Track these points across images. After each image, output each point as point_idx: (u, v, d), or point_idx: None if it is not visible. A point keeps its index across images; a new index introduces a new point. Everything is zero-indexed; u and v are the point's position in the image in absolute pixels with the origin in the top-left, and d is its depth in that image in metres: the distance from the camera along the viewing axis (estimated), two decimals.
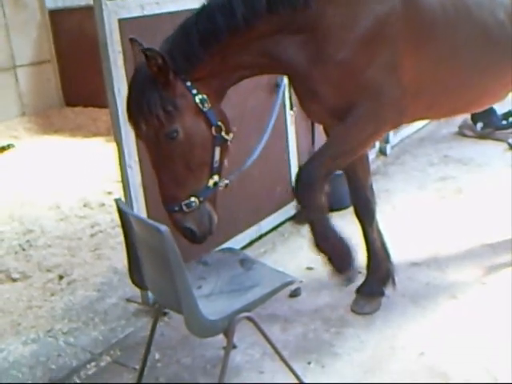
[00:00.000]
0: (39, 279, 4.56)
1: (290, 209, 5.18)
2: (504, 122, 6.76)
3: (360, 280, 3.91)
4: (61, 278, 4.56)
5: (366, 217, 3.75)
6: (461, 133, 7.00)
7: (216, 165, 3.03)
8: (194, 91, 2.93)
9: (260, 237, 4.85)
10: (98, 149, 7.63)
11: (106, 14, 3.52)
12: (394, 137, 6.68)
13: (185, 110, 2.91)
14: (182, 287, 2.61)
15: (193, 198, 2.96)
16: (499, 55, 3.46)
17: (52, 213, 5.81)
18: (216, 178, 3.04)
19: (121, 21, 3.61)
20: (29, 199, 6.16)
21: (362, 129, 3.19)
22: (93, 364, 3.55)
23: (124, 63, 3.61)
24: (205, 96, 2.95)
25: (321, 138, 5.39)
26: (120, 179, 3.85)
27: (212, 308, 2.78)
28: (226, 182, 3.20)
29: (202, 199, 2.99)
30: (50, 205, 5.98)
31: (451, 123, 7.00)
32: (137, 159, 3.73)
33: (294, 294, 4.04)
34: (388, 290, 3.86)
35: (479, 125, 6.80)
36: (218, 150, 3.02)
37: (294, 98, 3.55)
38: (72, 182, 6.54)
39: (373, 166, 4.12)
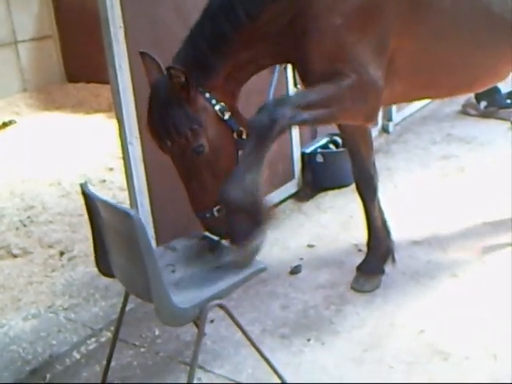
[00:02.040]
0: (40, 255, 4.57)
1: (292, 186, 5.17)
2: (508, 101, 6.72)
3: (360, 258, 3.92)
4: (62, 254, 4.56)
5: (368, 193, 3.74)
6: (464, 111, 6.96)
7: None
8: (214, 101, 2.92)
9: None
10: (100, 125, 7.60)
11: None
12: (397, 115, 6.64)
13: (208, 124, 2.90)
14: (152, 274, 2.53)
15: None
16: (501, 32, 3.38)
17: (53, 189, 5.81)
18: None
19: None
20: (30, 175, 6.15)
21: (341, 95, 3.03)
22: (93, 340, 3.57)
23: (125, 38, 3.58)
24: (223, 104, 2.95)
25: None
26: (121, 155, 3.83)
27: (183, 296, 2.70)
28: None
29: None
30: (51, 181, 5.97)
31: (455, 102, 6.95)
32: (138, 135, 3.71)
33: (295, 271, 4.05)
34: (388, 268, 3.86)
35: (483, 103, 6.76)
36: (240, 153, 3.01)
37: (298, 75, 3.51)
38: (73, 159, 6.52)
39: (375, 144, 4.10)
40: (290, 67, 4.49)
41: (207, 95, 2.92)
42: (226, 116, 2.96)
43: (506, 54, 3.51)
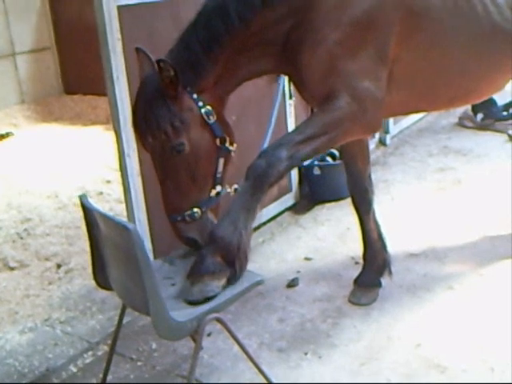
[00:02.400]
0: (37, 268, 4.55)
1: (289, 199, 5.17)
2: (504, 113, 6.75)
3: (357, 271, 3.92)
4: (58, 266, 4.55)
5: (363, 206, 3.74)
6: (461, 124, 6.99)
7: (219, 175, 3.01)
8: (200, 104, 2.92)
9: (259, 226, 4.84)
10: (97, 137, 7.61)
11: (104, 0, 3.49)
12: (394, 127, 6.67)
13: (191, 124, 2.89)
14: (150, 288, 2.53)
15: (195, 209, 2.94)
16: (499, 41, 3.39)
17: (50, 201, 5.79)
18: (219, 188, 3.02)
19: (120, 7, 3.57)
20: (27, 188, 6.14)
21: (337, 118, 3.03)
22: (90, 353, 3.55)
23: (123, 50, 3.59)
24: (210, 108, 2.94)
25: None
26: (118, 168, 3.84)
27: (180, 309, 2.70)
28: (235, 187, 3.12)
29: (204, 209, 2.97)
30: (48, 193, 5.96)
31: (451, 114, 6.99)
32: (135, 148, 3.71)
33: (292, 284, 4.04)
34: (385, 281, 3.86)
35: (479, 116, 6.79)
36: (221, 161, 3.01)
37: (293, 87, 3.52)
38: (71, 171, 6.51)
39: (372, 157, 4.12)
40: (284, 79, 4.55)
41: (194, 96, 2.91)
42: (211, 120, 2.94)
43: (504, 64, 3.52)
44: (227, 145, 3.00)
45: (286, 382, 3.14)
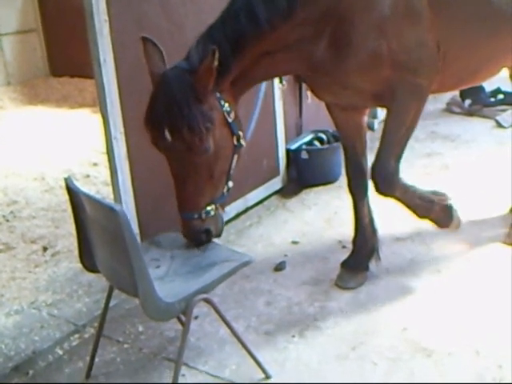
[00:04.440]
0: (23, 250, 4.53)
1: (277, 182, 5.17)
2: (492, 100, 6.76)
3: (344, 255, 3.93)
4: (45, 249, 4.53)
5: (359, 191, 3.74)
6: (448, 109, 6.99)
7: (232, 172, 3.04)
8: (222, 102, 2.91)
9: (246, 210, 4.84)
10: (84, 120, 7.56)
11: None
12: (382, 112, 6.65)
13: (216, 124, 2.88)
14: (138, 269, 2.53)
15: (212, 206, 2.96)
16: (503, 22, 3.44)
17: (37, 184, 5.77)
18: (230, 184, 3.05)
19: None
20: (13, 170, 6.11)
21: (408, 110, 3.30)
22: (76, 336, 3.55)
23: (110, 32, 3.55)
24: (229, 107, 2.93)
25: (308, 111, 5.39)
26: (105, 150, 3.81)
27: (168, 290, 2.70)
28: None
29: (217, 206, 2.99)
30: (34, 176, 5.94)
31: (439, 100, 6.98)
32: (122, 130, 3.69)
33: (279, 267, 4.04)
34: (372, 265, 3.87)
35: (467, 102, 6.79)
36: (235, 158, 3.04)
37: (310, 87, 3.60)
38: (57, 153, 6.48)
39: None
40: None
41: (218, 95, 2.90)
42: (231, 118, 2.95)
43: (509, 45, 3.56)
44: (241, 141, 3.02)
45: (273, 364, 3.15)
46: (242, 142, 3.03)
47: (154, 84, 2.91)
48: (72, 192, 2.85)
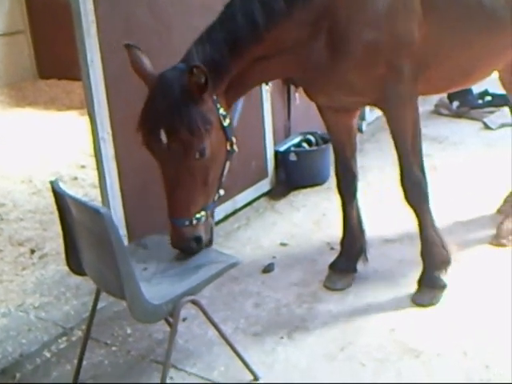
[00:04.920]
0: (10, 253, 4.50)
1: (265, 184, 5.17)
2: (480, 101, 6.78)
3: (333, 256, 3.93)
4: (32, 252, 4.51)
5: (349, 193, 3.75)
6: (436, 111, 7.01)
7: (224, 179, 3.01)
8: (218, 105, 2.89)
9: (234, 212, 4.83)
10: (72, 122, 7.51)
11: None
12: (370, 114, 6.67)
13: (213, 127, 2.85)
14: (125, 271, 2.50)
15: (203, 213, 2.91)
16: (496, 24, 3.46)
17: (24, 186, 5.74)
18: (221, 192, 3.02)
19: None
20: (1, 172, 6.07)
21: (405, 113, 3.34)
22: (64, 339, 3.53)
23: (97, 33, 3.54)
24: (225, 111, 2.92)
25: (296, 113, 5.40)
26: (93, 152, 3.79)
27: (155, 292, 2.68)
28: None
29: (208, 213, 2.95)
30: (22, 178, 5.90)
31: (427, 101, 6.99)
32: (110, 131, 3.68)
33: (267, 269, 4.04)
34: (361, 266, 3.87)
35: (455, 103, 6.81)
36: (228, 165, 3.01)
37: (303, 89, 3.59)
38: (45, 156, 6.44)
39: None
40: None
41: (214, 97, 2.87)
42: (226, 123, 2.93)
43: (501, 47, 3.59)
44: (234, 147, 3.00)
45: (262, 366, 3.14)
46: (235, 147, 3.01)
47: (150, 86, 2.87)
48: (58, 195, 2.83)
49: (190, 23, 4.06)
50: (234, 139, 2.99)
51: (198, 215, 2.89)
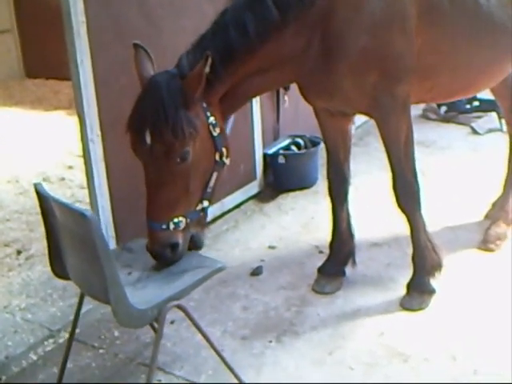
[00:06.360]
0: None
1: (253, 187, 5.16)
2: (467, 106, 6.80)
3: (321, 260, 3.93)
4: (19, 252, 4.48)
5: (340, 196, 3.74)
6: (424, 116, 7.03)
7: (209, 190, 2.98)
8: (208, 114, 2.87)
9: (223, 214, 4.82)
10: (59, 122, 7.49)
11: None
12: (358, 118, 6.67)
13: (199, 133, 2.82)
14: (109, 275, 2.48)
15: (181, 218, 2.87)
16: (500, 37, 3.49)
17: (11, 186, 5.70)
18: (206, 203, 2.97)
19: None
20: None
21: (398, 121, 3.34)
22: (51, 341, 3.51)
23: (87, 33, 3.51)
24: (215, 120, 2.90)
25: (285, 115, 5.39)
26: (81, 153, 3.77)
27: (140, 297, 2.65)
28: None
29: (188, 221, 2.90)
30: (8, 178, 5.86)
31: (415, 106, 6.99)
32: (99, 133, 3.65)
33: (256, 272, 4.03)
34: (349, 270, 3.87)
35: (443, 108, 6.84)
36: (214, 176, 2.98)
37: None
38: (32, 156, 6.41)
39: None
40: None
41: (204, 105, 2.86)
42: (216, 132, 2.91)
43: (502, 58, 3.63)
44: (224, 159, 2.98)
45: (250, 369, 3.14)
46: (225, 160, 2.98)
47: (142, 87, 2.87)
48: (42, 197, 2.79)
49: (179, 25, 4.06)
50: (224, 150, 2.96)
51: (175, 220, 2.85)
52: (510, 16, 3.48)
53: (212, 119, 2.88)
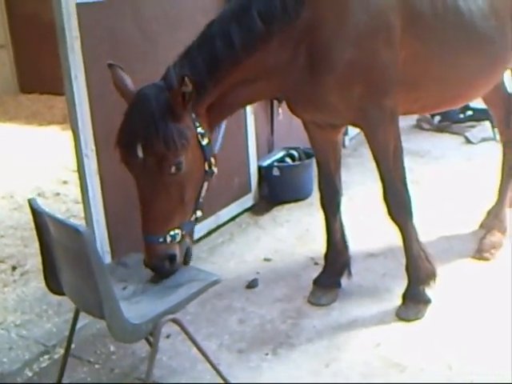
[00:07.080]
0: None
1: (248, 200, 5.16)
2: (461, 116, 6.84)
3: (317, 271, 3.93)
4: (14, 268, 4.46)
5: (332, 207, 3.75)
6: (418, 125, 7.07)
7: (201, 200, 2.99)
8: (197, 124, 2.88)
9: (218, 227, 4.82)
10: (54, 137, 7.50)
11: None
12: (353, 129, 6.70)
13: (190, 143, 2.84)
14: (104, 290, 2.47)
15: (177, 230, 2.88)
16: (485, 48, 3.51)
17: (5, 202, 5.69)
18: (199, 213, 2.99)
19: (78, 5, 3.51)
20: None
21: (386, 132, 3.31)
22: (46, 357, 3.48)
23: (81, 48, 3.53)
24: (203, 130, 2.91)
25: (279, 128, 5.41)
26: (76, 168, 3.77)
27: (135, 311, 2.65)
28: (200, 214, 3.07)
29: (184, 233, 2.91)
30: (3, 194, 5.85)
31: (409, 116, 7.04)
32: (93, 148, 3.66)
33: (251, 285, 4.03)
34: (345, 281, 3.87)
35: (436, 118, 6.87)
36: (205, 185, 3.00)
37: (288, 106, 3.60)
38: (26, 171, 6.40)
39: None
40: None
41: (193, 115, 2.87)
42: (205, 142, 2.92)
43: (489, 70, 3.66)
44: (213, 168, 2.99)
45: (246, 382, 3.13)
46: (214, 169, 3.00)
47: (129, 102, 2.88)
48: (36, 213, 2.79)
49: (175, 38, 4.06)
50: (212, 160, 2.98)
51: (172, 232, 2.86)
52: (494, 27, 3.51)
53: (200, 129, 2.89)
